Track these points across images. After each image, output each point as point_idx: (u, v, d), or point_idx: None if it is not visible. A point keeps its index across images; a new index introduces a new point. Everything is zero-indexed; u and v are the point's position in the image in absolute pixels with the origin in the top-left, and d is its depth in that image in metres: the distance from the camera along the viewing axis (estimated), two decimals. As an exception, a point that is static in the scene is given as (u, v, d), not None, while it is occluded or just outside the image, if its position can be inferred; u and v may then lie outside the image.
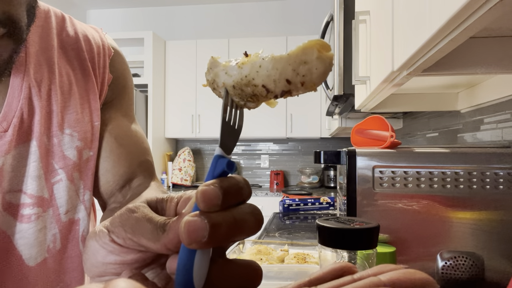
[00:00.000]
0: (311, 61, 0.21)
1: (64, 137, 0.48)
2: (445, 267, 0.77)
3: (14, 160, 0.44)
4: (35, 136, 0.45)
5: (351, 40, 1.31)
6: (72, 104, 0.49)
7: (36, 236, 0.45)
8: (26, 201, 0.45)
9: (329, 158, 0.90)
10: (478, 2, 0.34)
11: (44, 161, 0.46)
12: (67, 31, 0.50)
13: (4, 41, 0.36)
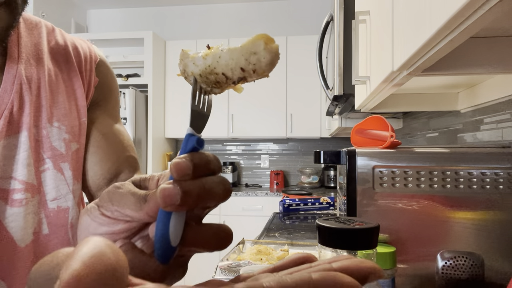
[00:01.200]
0: (259, 51, 0.26)
1: (53, 129, 0.52)
2: (445, 267, 0.77)
3: (5, 150, 0.47)
4: (25, 128, 0.49)
5: (351, 40, 1.31)
6: (60, 101, 0.53)
7: (25, 220, 0.49)
8: (16, 186, 0.48)
9: (329, 158, 0.90)
10: (478, 2, 0.34)
11: (34, 151, 0.49)
12: (57, 39, 0.55)
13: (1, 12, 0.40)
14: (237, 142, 3.98)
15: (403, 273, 0.80)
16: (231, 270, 0.98)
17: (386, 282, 0.69)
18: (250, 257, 1.05)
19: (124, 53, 3.88)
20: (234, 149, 3.99)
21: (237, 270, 0.97)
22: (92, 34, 3.66)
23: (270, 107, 3.57)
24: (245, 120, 3.59)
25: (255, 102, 3.59)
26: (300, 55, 3.54)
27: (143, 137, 3.44)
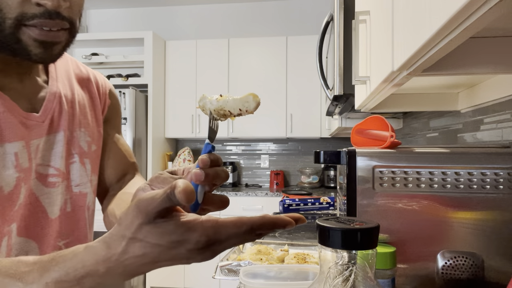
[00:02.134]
0: (250, 101, 0.47)
1: (80, 133, 0.69)
2: (445, 267, 0.77)
3: (46, 144, 0.63)
4: (62, 129, 0.65)
5: (351, 40, 1.31)
6: (86, 114, 0.71)
7: (55, 198, 0.64)
8: (52, 172, 0.64)
9: (329, 158, 0.90)
10: (478, 2, 0.34)
11: (66, 147, 0.66)
12: (80, 69, 0.74)
13: (65, 32, 0.56)
14: (237, 142, 3.98)
15: (403, 273, 0.80)
16: (231, 270, 0.98)
17: (386, 282, 0.69)
18: (250, 257, 1.05)
19: (124, 53, 3.88)
20: (234, 149, 3.99)
21: (237, 270, 0.97)
22: (92, 34, 3.66)
23: (270, 107, 3.57)
24: (245, 120, 3.59)
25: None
26: (300, 55, 3.54)
27: (143, 137, 3.44)
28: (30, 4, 0.51)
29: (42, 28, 0.52)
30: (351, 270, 0.44)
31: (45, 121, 0.63)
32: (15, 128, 0.58)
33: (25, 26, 0.52)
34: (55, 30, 0.53)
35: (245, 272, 0.83)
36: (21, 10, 0.51)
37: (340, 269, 0.45)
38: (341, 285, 0.44)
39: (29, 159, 0.60)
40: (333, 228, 0.45)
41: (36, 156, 0.61)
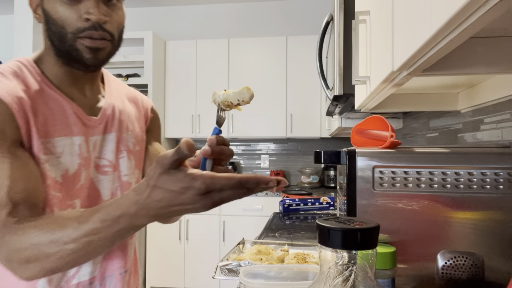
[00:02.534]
0: (244, 93, 0.59)
1: (128, 135, 0.86)
2: (445, 267, 0.77)
3: (101, 141, 0.80)
4: (114, 130, 0.83)
5: (351, 40, 1.31)
6: (133, 121, 0.89)
7: (108, 184, 0.81)
8: (105, 163, 0.81)
9: (329, 158, 0.90)
10: (478, 2, 0.34)
11: (117, 144, 0.83)
12: (129, 90, 0.94)
13: (108, 43, 0.73)
14: (237, 142, 3.98)
15: (403, 273, 0.80)
16: (231, 270, 0.98)
17: (386, 282, 0.69)
18: (250, 257, 1.05)
19: (124, 53, 3.88)
20: (234, 149, 3.99)
21: (237, 270, 0.97)
22: (92, 34, 3.66)
23: (270, 107, 3.57)
24: (245, 120, 3.59)
25: (255, 102, 3.59)
26: (300, 55, 3.54)
27: (143, 137, 3.44)
28: (81, 21, 0.70)
29: (90, 37, 0.70)
30: (351, 270, 0.44)
31: (101, 124, 0.81)
32: (79, 126, 0.76)
33: (80, 38, 0.70)
34: (100, 39, 0.71)
35: (245, 272, 0.83)
36: (76, 25, 0.70)
37: (340, 269, 0.45)
38: (341, 285, 0.44)
39: (87, 151, 0.77)
40: (333, 228, 0.45)
41: (94, 150, 0.78)
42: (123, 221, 0.55)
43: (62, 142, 0.73)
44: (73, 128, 0.75)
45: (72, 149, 0.74)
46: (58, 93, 0.74)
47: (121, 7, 0.76)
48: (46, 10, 0.71)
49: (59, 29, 0.70)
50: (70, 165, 0.73)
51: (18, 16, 3.43)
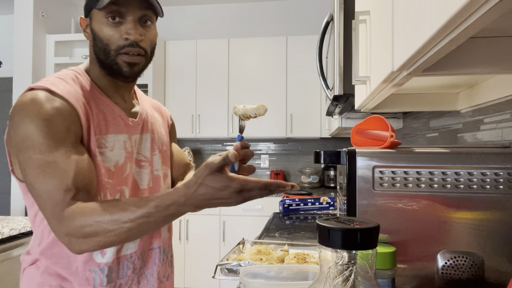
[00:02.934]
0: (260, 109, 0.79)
1: (158, 136, 1.01)
2: (445, 267, 0.77)
3: (140, 139, 0.95)
4: (149, 131, 0.98)
5: (351, 40, 1.31)
6: (159, 125, 1.04)
7: (144, 176, 0.95)
8: (142, 158, 0.95)
9: (329, 158, 0.90)
10: (478, 2, 0.34)
11: (151, 144, 0.98)
12: (154, 102, 1.11)
13: (142, 58, 0.87)
14: (237, 142, 3.98)
15: (403, 273, 0.80)
16: (231, 270, 0.98)
17: (386, 282, 0.69)
18: (250, 257, 1.05)
19: (124, 53, 3.87)
20: (234, 149, 3.99)
21: (237, 270, 0.97)
22: (92, 34, 3.66)
23: (270, 107, 3.57)
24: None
25: (255, 102, 3.59)
26: (300, 55, 3.54)
27: (143, 137, 3.44)
28: (122, 39, 0.84)
29: (128, 53, 0.85)
30: (351, 270, 0.44)
31: (139, 125, 0.96)
32: (123, 126, 0.91)
33: (120, 54, 0.85)
34: (136, 55, 0.86)
35: (245, 272, 0.83)
36: (117, 43, 0.84)
37: (340, 269, 0.45)
38: (341, 285, 0.44)
39: (131, 147, 0.92)
40: (333, 228, 0.45)
41: (134, 146, 0.93)
42: (172, 209, 0.72)
43: (113, 139, 0.87)
44: (120, 128, 0.90)
45: (120, 145, 0.89)
46: (106, 98, 0.89)
47: (154, 28, 0.91)
48: (94, 30, 0.86)
49: (104, 46, 0.85)
50: (119, 158, 0.88)
51: (18, 16, 3.43)
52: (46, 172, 0.74)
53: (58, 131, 0.76)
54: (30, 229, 1.86)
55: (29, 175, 0.75)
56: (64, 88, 0.81)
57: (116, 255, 0.87)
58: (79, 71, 0.89)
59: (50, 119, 0.76)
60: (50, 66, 3.61)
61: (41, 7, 3.51)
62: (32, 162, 0.74)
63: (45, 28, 3.59)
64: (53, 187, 0.74)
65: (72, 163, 0.76)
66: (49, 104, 0.77)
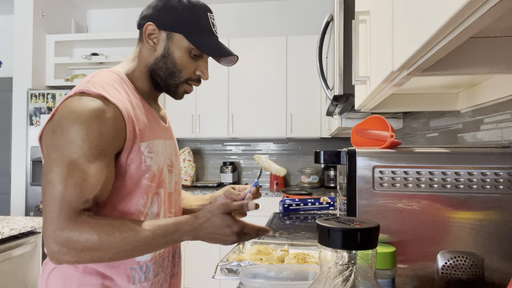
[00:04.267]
0: (280, 172, 1.03)
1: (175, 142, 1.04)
2: (445, 267, 0.77)
3: (168, 144, 0.98)
4: (172, 138, 1.01)
5: (351, 40, 1.31)
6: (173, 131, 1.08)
7: (171, 180, 0.97)
8: (170, 163, 0.97)
9: (329, 158, 0.90)
10: (478, 2, 0.34)
11: (175, 150, 1.02)
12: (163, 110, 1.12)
13: None
14: (237, 142, 3.98)
15: (403, 273, 0.80)
16: (231, 270, 0.98)
17: (386, 282, 0.69)
18: (250, 257, 1.05)
19: (124, 53, 3.88)
20: (234, 149, 3.99)
21: (237, 270, 0.97)
22: (92, 34, 3.66)
23: (270, 107, 3.57)
24: (245, 120, 3.59)
25: (255, 102, 3.59)
26: (300, 55, 3.54)
27: (143, 137, 3.43)
28: (195, 74, 0.93)
29: (191, 85, 0.94)
30: (351, 270, 0.44)
31: (169, 130, 1.00)
32: (162, 131, 0.95)
33: (185, 83, 0.93)
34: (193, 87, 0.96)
35: (245, 272, 0.83)
36: (189, 75, 0.92)
37: (340, 269, 0.45)
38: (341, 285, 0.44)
39: (165, 151, 0.95)
40: (333, 228, 0.45)
41: (165, 151, 0.95)
42: (176, 235, 0.78)
43: (156, 143, 0.90)
44: (160, 133, 0.94)
45: (161, 149, 0.92)
46: (147, 104, 0.92)
47: None
48: (171, 50, 0.89)
49: (175, 70, 0.90)
50: (161, 162, 0.92)
51: (18, 16, 3.43)
52: (73, 178, 0.73)
53: (104, 143, 0.77)
54: (30, 229, 1.86)
55: (54, 173, 0.73)
56: (116, 96, 0.81)
57: (153, 254, 0.90)
58: (121, 75, 0.89)
59: (102, 131, 0.76)
60: (50, 66, 3.61)
61: (41, 7, 3.51)
62: (66, 163, 0.74)
63: (45, 28, 3.59)
64: (73, 195, 0.73)
65: (101, 180, 0.76)
66: (103, 114, 0.77)
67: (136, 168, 0.84)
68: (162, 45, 0.89)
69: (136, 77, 0.92)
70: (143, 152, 0.85)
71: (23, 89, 3.43)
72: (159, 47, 0.89)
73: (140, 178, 0.85)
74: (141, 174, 0.85)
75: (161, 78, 0.91)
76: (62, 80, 3.58)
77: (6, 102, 4.19)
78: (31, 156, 3.28)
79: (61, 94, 3.28)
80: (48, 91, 3.30)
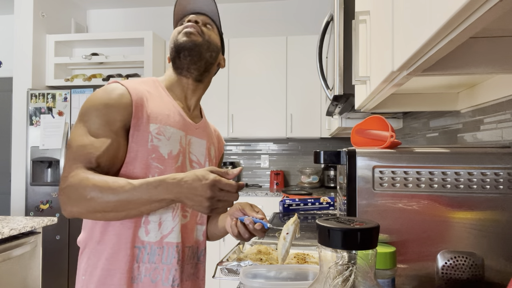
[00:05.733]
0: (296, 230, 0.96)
1: (212, 148, 1.10)
2: (445, 267, 0.77)
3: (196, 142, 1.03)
4: (205, 139, 1.06)
5: (351, 40, 1.31)
6: (215, 142, 1.15)
7: None
8: (195, 159, 1.02)
9: (329, 158, 0.90)
10: (478, 2, 0.34)
11: (207, 151, 1.06)
12: (213, 125, 1.25)
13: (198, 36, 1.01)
14: (237, 142, 3.98)
15: (403, 273, 0.80)
16: (231, 270, 0.98)
17: (386, 282, 0.69)
18: (250, 257, 1.05)
19: (124, 53, 3.88)
20: (234, 149, 3.99)
21: (237, 270, 0.97)
22: (92, 34, 3.66)
23: (270, 107, 3.57)
24: (245, 120, 3.59)
25: (255, 102, 3.59)
26: (300, 55, 3.54)
27: (143, 137, 3.43)
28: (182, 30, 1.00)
29: (186, 28, 1.00)
30: (351, 270, 0.44)
31: (198, 129, 1.04)
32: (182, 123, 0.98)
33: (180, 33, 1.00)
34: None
35: (245, 272, 0.83)
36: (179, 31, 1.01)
37: (340, 269, 0.45)
38: (341, 285, 0.44)
39: (186, 144, 0.99)
40: (333, 228, 0.45)
41: (189, 145, 1.00)
42: (159, 189, 0.79)
43: (171, 130, 0.94)
44: (178, 124, 0.97)
45: (176, 138, 0.96)
46: (168, 95, 1.00)
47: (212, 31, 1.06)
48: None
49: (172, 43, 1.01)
50: (174, 148, 0.95)
51: (18, 16, 3.43)
52: (80, 140, 0.85)
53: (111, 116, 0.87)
54: (30, 229, 1.86)
55: (71, 134, 0.88)
56: (131, 85, 0.93)
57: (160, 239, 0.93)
58: (154, 79, 1.03)
59: (110, 104, 0.88)
60: (50, 66, 3.60)
61: (41, 7, 3.51)
62: (81, 129, 0.87)
63: (45, 28, 3.59)
64: (79, 154, 0.84)
65: (105, 143, 0.86)
66: (112, 91, 0.89)
67: (143, 146, 0.90)
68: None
69: (167, 76, 1.04)
70: (151, 132, 0.91)
71: (23, 89, 3.43)
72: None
73: (147, 158, 0.90)
74: (147, 153, 0.90)
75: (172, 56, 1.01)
76: (62, 80, 3.58)
77: (6, 102, 4.19)
78: (31, 156, 3.28)
79: (61, 94, 3.28)
80: (48, 91, 3.30)
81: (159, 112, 0.94)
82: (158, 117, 0.93)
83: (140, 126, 0.90)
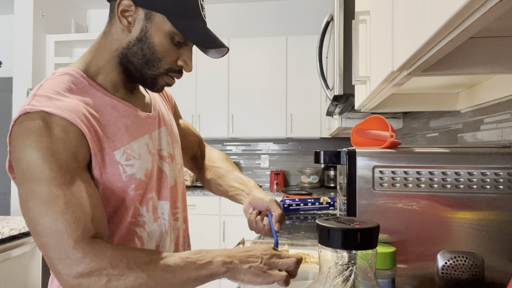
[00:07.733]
0: None
1: (172, 127, 0.92)
2: (445, 267, 0.77)
3: (159, 134, 0.86)
4: (163, 124, 0.88)
5: (351, 40, 1.31)
6: (168, 113, 0.95)
7: (171, 172, 0.88)
8: (165, 154, 0.87)
9: (329, 158, 0.90)
10: (478, 2, 0.34)
11: (170, 137, 0.90)
12: None
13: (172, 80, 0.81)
14: (237, 142, 3.98)
15: (403, 273, 0.80)
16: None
17: (386, 282, 0.69)
18: (250, 257, 1.05)
19: (124, 53, 3.86)
20: (234, 149, 3.99)
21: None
22: (92, 34, 3.66)
23: (270, 107, 3.57)
24: (245, 120, 3.59)
25: (255, 102, 3.59)
26: (300, 55, 3.54)
27: (143, 137, 3.43)
28: (177, 65, 0.77)
29: (173, 78, 0.79)
30: (351, 270, 0.44)
31: (156, 118, 0.86)
32: (143, 125, 0.80)
33: (165, 75, 0.77)
34: (175, 80, 0.80)
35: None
36: (170, 65, 0.76)
37: (340, 269, 0.45)
38: (341, 285, 0.44)
39: (153, 146, 0.83)
40: (333, 228, 0.45)
41: (156, 143, 0.84)
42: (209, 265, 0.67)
43: (137, 145, 0.77)
44: (141, 129, 0.80)
45: (145, 149, 0.79)
46: (117, 100, 0.77)
47: None
48: (150, 35, 0.73)
49: (153, 57, 0.74)
50: (148, 164, 0.79)
51: (18, 16, 3.43)
52: (54, 208, 0.62)
53: (65, 160, 0.65)
54: (30, 229, 1.86)
55: (32, 210, 0.63)
56: (63, 105, 0.67)
57: None
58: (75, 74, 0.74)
59: (54, 148, 0.64)
60: (50, 66, 3.61)
61: (41, 7, 3.51)
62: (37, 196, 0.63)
63: (45, 28, 3.59)
64: (65, 225, 0.62)
65: (85, 200, 0.65)
66: (49, 131, 0.64)
67: (117, 182, 0.73)
68: (138, 25, 0.72)
69: (103, 70, 0.76)
70: (120, 162, 0.73)
71: (23, 89, 3.44)
72: (135, 28, 0.73)
73: (128, 188, 0.75)
74: (125, 186, 0.74)
75: (135, 66, 0.75)
76: (62, 80, 3.57)
77: (6, 102, 4.19)
78: (31, 156, 3.28)
79: (61, 94, 3.28)
80: (48, 91, 3.29)
81: (113, 129, 0.73)
82: (116, 136, 0.73)
83: (105, 161, 0.71)
